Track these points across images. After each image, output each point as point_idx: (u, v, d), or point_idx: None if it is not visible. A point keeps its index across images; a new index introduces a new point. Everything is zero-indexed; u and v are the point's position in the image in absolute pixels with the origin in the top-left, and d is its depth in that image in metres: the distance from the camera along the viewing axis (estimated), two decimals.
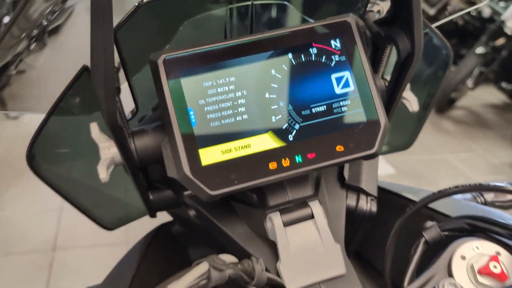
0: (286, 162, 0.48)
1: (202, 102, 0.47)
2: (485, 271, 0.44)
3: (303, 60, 0.50)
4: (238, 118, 0.48)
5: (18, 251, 2.38)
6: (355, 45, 0.51)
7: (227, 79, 0.48)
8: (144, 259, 0.67)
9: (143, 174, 0.59)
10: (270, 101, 0.49)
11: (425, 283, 0.43)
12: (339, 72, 0.50)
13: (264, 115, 0.48)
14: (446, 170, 3.41)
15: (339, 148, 0.49)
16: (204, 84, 0.47)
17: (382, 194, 0.66)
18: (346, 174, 0.60)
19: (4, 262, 2.30)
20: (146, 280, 0.64)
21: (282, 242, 0.51)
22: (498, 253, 0.46)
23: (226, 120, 0.48)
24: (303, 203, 0.53)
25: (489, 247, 0.46)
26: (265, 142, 0.48)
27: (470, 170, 3.42)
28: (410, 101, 0.57)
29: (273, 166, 0.48)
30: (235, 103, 0.48)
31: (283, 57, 0.49)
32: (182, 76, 0.47)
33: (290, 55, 0.49)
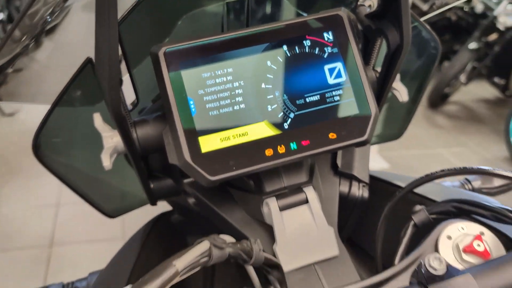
0: (281, 149, 0.51)
1: (201, 92, 0.49)
2: (469, 249, 0.46)
3: (297, 52, 0.52)
4: (235, 107, 0.50)
5: (16, 247, 2.40)
6: (347, 37, 0.53)
7: (225, 70, 0.50)
8: (144, 247, 0.69)
9: (144, 163, 0.61)
10: (266, 91, 0.51)
11: (413, 261, 0.46)
12: (332, 63, 0.53)
13: (260, 105, 0.51)
14: (440, 164, 3.45)
15: (332, 135, 0.52)
16: (203, 75, 0.50)
17: (374, 182, 0.68)
18: (339, 162, 0.63)
19: (1, 258, 2.31)
20: (146, 266, 0.66)
21: (278, 225, 0.53)
22: (482, 233, 0.48)
23: (224, 109, 0.50)
24: (298, 189, 0.56)
25: (473, 228, 0.49)
26: (261, 130, 0.51)
27: (463, 164, 3.45)
28: (400, 91, 0.60)
29: (269, 152, 0.50)
30: (233, 93, 0.50)
31: (278, 49, 0.52)
32: (182, 67, 0.49)
33: (284, 47, 0.52)
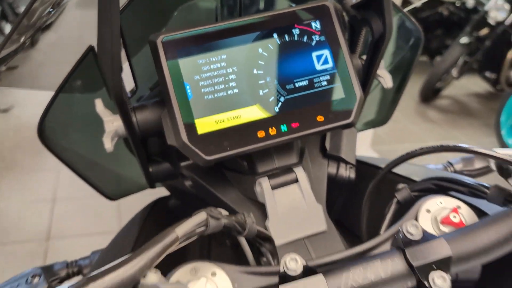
0: (272, 131, 0.54)
1: (197, 77, 0.53)
2: (446, 221, 0.50)
3: (287, 40, 0.56)
4: (229, 92, 0.54)
5: (13, 241, 2.42)
6: (333, 26, 0.57)
7: (219, 57, 0.54)
8: (143, 229, 0.73)
9: (143, 147, 0.64)
10: (258, 76, 0.55)
11: (395, 232, 0.49)
12: (319, 50, 0.56)
13: (252, 89, 0.54)
14: (432, 157, 3.49)
15: (320, 118, 0.55)
16: (198, 61, 0.53)
17: (361, 166, 0.72)
18: (328, 145, 0.66)
19: None
20: None
21: (270, 203, 0.57)
22: (459, 206, 0.52)
23: (218, 93, 0.53)
24: (289, 170, 0.59)
25: (451, 202, 0.53)
26: (253, 113, 0.54)
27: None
28: (385, 78, 0.63)
29: (261, 134, 0.54)
30: (227, 78, 0.54)
31: (269, 37, 0.55)
32: (179, 54, 0.52)
33: (275, 35, 0.55)
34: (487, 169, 0.72)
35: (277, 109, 0.55)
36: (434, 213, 0.52)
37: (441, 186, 0.56)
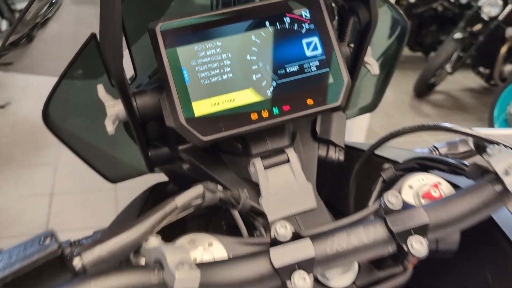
0: (265, 113, 0.57)
1: (193, 63, 0.56)
2: (427, 196, 0.54)
3: (278, 27, 0.59)
4: (224, 77, 0.57)
5: (12, 235, 2.44)
6: (322, 15, 0.60)
7: (214, 44, 0.57)
8: (141, 213, 0.76)
9: (143, 132, 0.68)
10: (251, 62, 0.58)
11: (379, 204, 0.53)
12: (309, 37, 0.60)
13: (246, 74, 0.58)
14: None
15: (310, 101, 0.59)
16: (195, 48, 0.56)
17: (349, 150, 0.75)
18: (318, 129, 0.70)
19: None
20: None
21: (263, 182, 0.60)
22: (439, 183, 0.56)
23: (214, 78, 0.57)
24: (281, 151, 0.63)
25: (432, 179, 0.56)
26: (247, 96, 0.57)
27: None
28: (372, 65, 0.67)
29: (254, 116, 0.57)
30: (221, 64, 0.57)
31: (261, 25, 0.58)
32: (177, 41, 0.56)
33: (267, 24, 0.59)
34: (471, 152, 0.76)
35: (269, 92, 0.58)
36: (416, 188, 0.55)
37: (423, 165, 0.59)
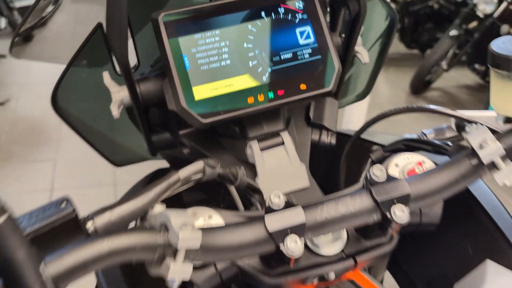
0: (261, 97, 0.61)
1: (194, 50, 0.60)
2: (411, 173, 0.58)
3: (273, 17, 0.63)
4: (222, 63, 0.61)
5: None
6: (315, 6, 0.64)
7: (213, 32, 0.61)
8: None
9: (146, 117, 0.71)
10: (248, 49, 0.62)
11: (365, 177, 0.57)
12: (302, 27, 0.64)
13: (243, 61, 0.61)
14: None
15: (303, 86, 0.63)
16: (195, 36, 0.60)
17: (342, 138, 0.79)
18: (312, 115, 0.74)
19: None
20: None
21: (259, 163, 0.64)
22: (423, 161, 0.60)
23: (213, 64, 0.61)
24: (276, 134, 0.67)
25: (416, 158, 0.60)
26: (244, 81, 0.61)
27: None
28: (362, 54, 0.71)
29: (251, 100, 0.61)
30: (220, 51, 0.61)
31: (257, 14, 0.62)
32: (178, 30, 0.60)
33: (262, 13, 0.63)
34: (458, 137, 0.80)
35: (264, 78, 0.62)
36: (402, 166, 0.59)
37: (409, 146, 0.63)
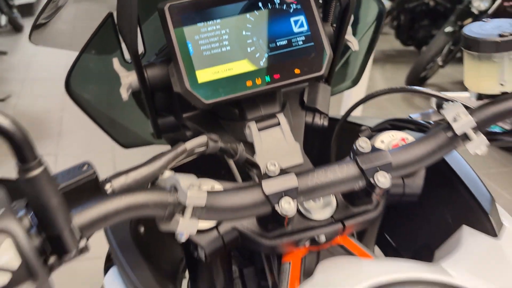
0: (258, 81, 0.67)
1: (197, 37, 0.66)
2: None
3: (269, 7, 0.68)
4: (223, 49, 0.67)
5: None
6: None
7: (215, 21, 0.66)
8: None
9: (152, 101, 0.77)
10: (246, 37, 0.67)
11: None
12: (296, 16, 0.69)
13: (242, 47, 0.67)
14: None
15: (297, 71, 0.68)
16: (198, 24, 0.66)
17: (334, 122, 0.85)
18: (306, 99, 0.79)
19: None
20: None
21: (257, 141, 0.70)
22: (407, 138, 0.66)
23: (214, 50, 0.66)
24: (272, 116, 0.73)
25: (400, 134, 0.66)
26: (243, 66, 0.67)
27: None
28: (352, 42, 0.77)
29: (249, 83, 0.67)
30: (221, 38, 0.66)
31: (255, 5, 0.68)
32: (183, 18, 0.65)
33: (260, 4, 0.68)
34: (443, 121, 0.86)
35: (262, 63, 0.67)
36: (387, 142, 0.65)
37: (395, 126, 0.69)
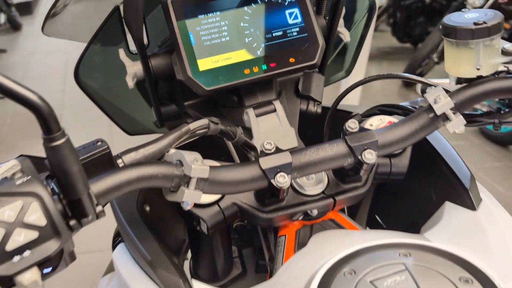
0: (256, 69, 0.72)
1: (198, 29, 0.70)
2: None
3: (266, 0, 0.73)
4: (222, 40, 0.71)
5: None
6: None
7: (215, 13, 0.71)
8: None
9: (155, 90, 0.82)
10: (244, 28, 0.72)
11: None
12: (291, 9, 0.74)
13: (240, 38, 0.72)
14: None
15: (292, 59, 0.73)
16: (199, 16, 0.70)
17: (327, 111, 0.90)
18: (300, 87, 0.84)
19: None
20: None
21: (254, 127, 0.75)
22: (394, 121, 0.70)
23: (214, 40, 0.71)
24: (269, 103, 0.77)
25: (388, 118, 0.71)
26: (241, 55, 0.72)
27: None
28: (344, 33, 0.81)
29: (247, 71, 0.72)
30: (220, 29, 0.71)
31: None
32: (185, 11, 0.70)
33: None
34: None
35: (259, 52, 0.72)
36: (375, 126, 0.70)
37: (383, 111, 0.74)
